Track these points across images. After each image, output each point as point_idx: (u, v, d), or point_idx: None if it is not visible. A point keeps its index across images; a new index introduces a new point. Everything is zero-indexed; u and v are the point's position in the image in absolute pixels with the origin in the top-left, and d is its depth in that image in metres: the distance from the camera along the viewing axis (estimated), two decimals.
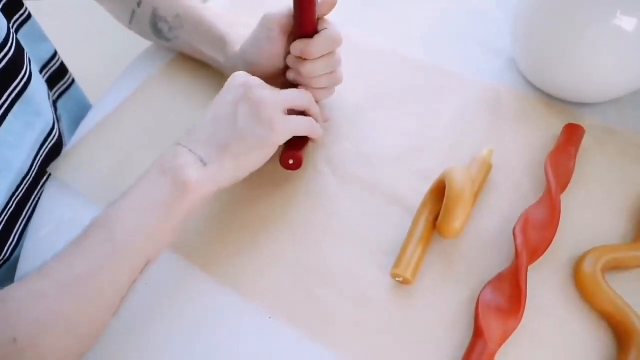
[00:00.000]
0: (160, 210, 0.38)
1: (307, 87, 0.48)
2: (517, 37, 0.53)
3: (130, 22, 0.57)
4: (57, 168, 0.52)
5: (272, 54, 0.48)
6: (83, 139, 0.54)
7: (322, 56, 0.46)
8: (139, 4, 0.55)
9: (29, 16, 0.56)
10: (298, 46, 0.46)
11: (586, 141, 0.49)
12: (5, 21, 0.48)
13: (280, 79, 0.50)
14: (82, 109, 0.67)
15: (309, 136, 0.47)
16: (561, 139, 0.49)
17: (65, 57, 0.64)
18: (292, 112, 0.45)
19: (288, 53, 0.48)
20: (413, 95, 0.55)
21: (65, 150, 0.54)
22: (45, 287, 0.35)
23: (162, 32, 0.55)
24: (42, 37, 0.59)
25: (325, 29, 0.46)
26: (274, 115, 0.42)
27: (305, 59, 0.46)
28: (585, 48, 0.47)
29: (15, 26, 0.53)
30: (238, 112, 0.41)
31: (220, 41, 0.52)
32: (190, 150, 0.40)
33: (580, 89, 0.51)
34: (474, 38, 0.60)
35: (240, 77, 0.44)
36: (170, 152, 0.41)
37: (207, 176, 0.40)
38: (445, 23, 0.62)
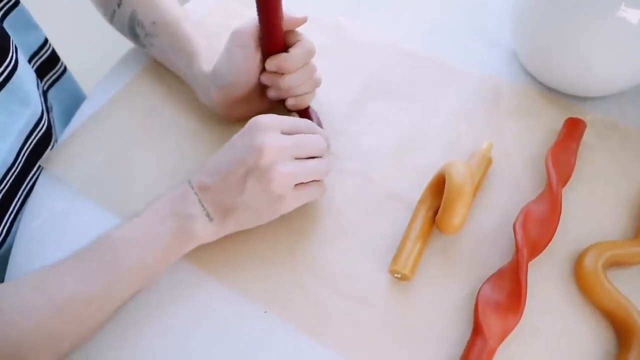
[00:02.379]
0: (163, 251, 0.40)
1: (288, 97, 0.47)
2: (518, 29, 0.53)
3: (111, 22, 0.56)
4: (50, 160, 0.51)
5: (249, 71, 0.46)
6: (76, 132, 0.53)
7: (298, 67, 0.46)
8: (119, 5, 0.53)
9: (17, 3, 0.54)
10: (274, 62, 0.45)
11: (587, 136, 0.49)
12: None
13: (253, 98, 0.49)
14: (76, 99, 0.66)
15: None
16: (562, 133, 0.48)
17: (59, 46, 0.63)
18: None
19: (262, 69, 0.47)
20: (411, 87, 0.54)
21: (58, 142, 0.53)
22: (38, 302, 0.36)
23: (138, 37, 0.53)
24: (31, 25, 0.57)
25: (299, 41, 0.45)
26: (284, 192, 0.40)
27: (281, 75, 0.45)
28: (588, 40, 0.46)
29: (0, 13, 0.52)
30: (247, 185, 0.40)
31: (191, 56, 0.50)
32: (200, 201, 0.40)
33: (582, 82, 0.50)
34: (473, 29, 0.59)
35: (259, 135, 0.40)
36: (183, 192, 0.41)
37: (210, 231, 0.41)
38: (444, 14, 0.61)
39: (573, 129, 0.48)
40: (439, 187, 0.44)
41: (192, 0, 0.64)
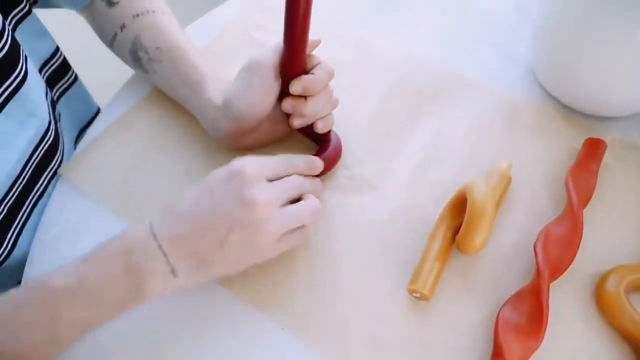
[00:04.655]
0: (110, 309, 0.36)
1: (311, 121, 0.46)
2: (538, 48, 0.52)
3: (111, 45, 0.55)
4: (68, 170, 0.51)
5: (267, 102, 0.45)
6: (94, 142, 0.53)
7: (322, 89, 0.45)
8: (122, 28, 0.52)
9: (29, 12, 0.54)
10: (300, 84, 0.44)
11: (606, 156, 0.48)
12: (0, 18, 0.46)
13: (264, 128, 0.48)
14: (86, 108, 0.65)
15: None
16: (582, 153, 0.48)
17: (71, 55, 0.62)
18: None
19: (278, 98, 0.46)
20: (429, 103, 0.54)
21: (75, 152, 0.53)
22: None
23: (141, 61, 0.52)
24: (42, 34, 0.57)
25: (319, 63, 0.45)
26: (267, 244, 0.38)
27: (305, 99, 0.45)
28: (608, 61, 0.46)
29: (13, 22, 0.51)
30: (229, 240, 0.37)
31: (197, 84, 0.48)
32: (164, 255, 0.36)
33: (601, 102, 0.50)
34: (491, 45, 0.59)
35: (247, 188, 0.37)
36: (143, 242, 0.37)
37: (172, 286, 0.37)
38: (461, 26, 0.61)
39: (593, 150, 0.48)
40: (458, 206, 0.43)
41: (195, 24, 0.63)
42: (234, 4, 0.64)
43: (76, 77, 0.63)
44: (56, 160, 0.54)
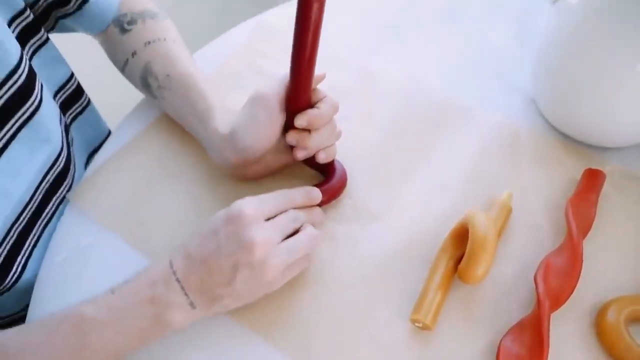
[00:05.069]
0: (136, 337, 0.39)
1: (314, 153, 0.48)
2: (538, 78, 0.53)
3: (122, 70, 0.57)
4: (76, 195, 0.52)
5: (272, 133, 0.46)
6: (102, 167, 0.54)
7: (326, 123, 0.46)
8: (133, 54, 0.54)
9: (46, 40, 0.55)
10: (305, 118, 0.45)
11: (606, 186, 0.49)
12: (18, 47, 0.47)
13: (269, 158, 0.49)
14: (98, 132, 0.66)
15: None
16: (581, 184, 0.49)
17: (83, 79, 0.64)
18: None
19: (283, 130, 0.47)
20: (431, 132, 0.55)
21: (84, 177, 0.54)
22: None
23: (150, 87, 0.53)
24: (58, 61, 0.58)
25: (324, 97, 0.46)
26: (275, 278, 0.40)
27: (309, 132, 0.46)
28: (608, 93, 0.47)
29: (30, 50, 0.53)
30: (237, 277, 0.39)
31: (204, 114, 0.49)
32: (183, 289, 0.39)
33: (602, 133, 0.51)
34: (494, 75, 0.60)
35: (246, 230, 0.39)
36: (165, 276, 0.40)
37: (192, 317, 0.40)
38: (464, 57, 0.62)
39: (593, 180, 0.48)
40: (460, 236, 0.44)
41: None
42: (240, 31, 0.66)
43: (89, 101, 0.65)
44: (66, 185, 0.55)
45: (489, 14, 0.66)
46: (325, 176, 0.50)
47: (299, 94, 0.45)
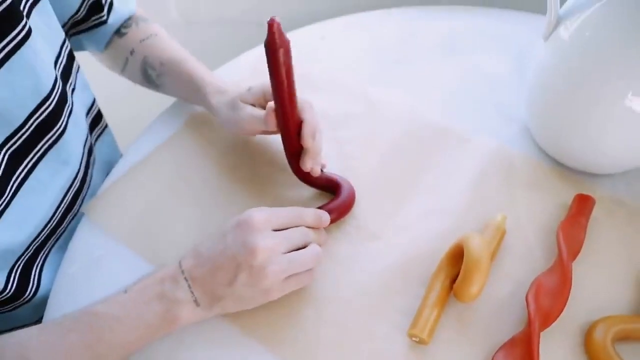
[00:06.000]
0: (146, 332, 0.42)
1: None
2: (531, 108, 0.56)
3: (122, 70, 0.63)
4: (91, 209, 0.55)
5: (255, 127, 0.52)
6: (115, 183, 0.57)
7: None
8: (131, 52, 0.60)
9: (78, 67, 0.59)
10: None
11: (596, 211, 0.51)
12: (53, 75, 0.50)
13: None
14: (113, 153, 0.69)
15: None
16: (572, 208, 0.51)
17: (100, 103, 0.67)
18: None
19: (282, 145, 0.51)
20: (430, 158, 0.58)
21: (98, 192, 0.57)
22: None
23: (151, 77, 0.60)
24: (87, 86, 0.62)
25: (302, 106, 0.49)
26: (273, 285, 0.43)
27: (313, 140, 0.50)
28: (597, 124, 0.49)
29: (67, 76, 0.56)
30: (237, 279, 0.42)
31: (199, 92, 0.56)
32: (190, 287, 0.42)
33: (592, 161, 0.53)
34: (491, 104, 0.63)
35: (251, 235, 0.42)
36: (174, 275, 0.42)
37: (196, 315, 0.43)
38: (463, 86, 0.65)
39: (583, 205, 0.51)
40: (456, 256, 0.46)
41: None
42: (249, 57, 0.69)
43: (106, 124, 0.68)
44: (79, 204, 0.58)
45: (488, 47, 0.69)
46: (335, 194, 0.52)
47: (287, 120, 0.48)
